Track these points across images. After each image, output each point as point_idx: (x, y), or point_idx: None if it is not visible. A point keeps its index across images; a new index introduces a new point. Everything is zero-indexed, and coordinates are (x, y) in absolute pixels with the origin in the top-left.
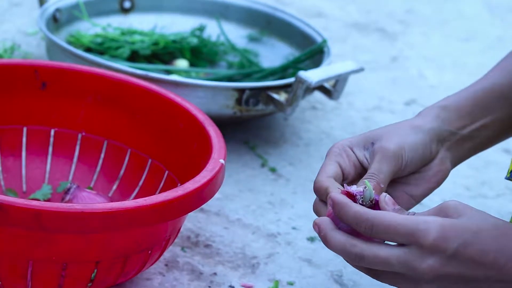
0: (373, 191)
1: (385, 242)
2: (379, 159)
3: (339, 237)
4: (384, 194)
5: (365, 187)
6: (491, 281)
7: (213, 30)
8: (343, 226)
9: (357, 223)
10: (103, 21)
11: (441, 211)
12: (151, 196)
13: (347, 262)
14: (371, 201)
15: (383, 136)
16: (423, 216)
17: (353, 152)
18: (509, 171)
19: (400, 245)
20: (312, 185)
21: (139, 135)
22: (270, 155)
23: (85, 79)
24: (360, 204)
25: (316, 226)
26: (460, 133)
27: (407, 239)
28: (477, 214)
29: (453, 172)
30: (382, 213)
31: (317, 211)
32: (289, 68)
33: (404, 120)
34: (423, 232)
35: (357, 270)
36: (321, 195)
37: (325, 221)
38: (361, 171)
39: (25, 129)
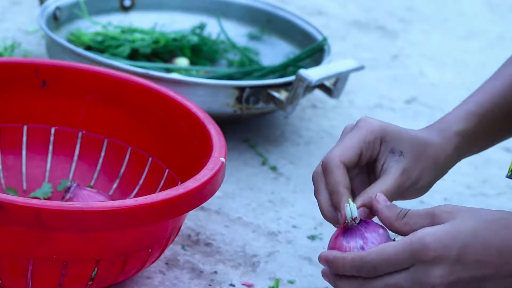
0: (356, 209)
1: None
2: (395, 185)
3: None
4: (376, 193)
5: (347, 205)
6: (503, 275)
7: (213, 28)
8: (350, 243)
9: (358, 270)
10: (104, 19)
11: (433, 218)
12: (152, 195)
13: None
14: (354, 220)
15: (418, 150)
16: (416, 234)
17: (380, 146)
18: (510, 170)
19: (405, 268)
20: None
21: (140, 133)
22: (270, 153)
23: (85, 77)
24: (347, 228)
25: (325, 276)
26: (460, 158)
27: (410, 262)
28: (469, 213)
29: (454, 170)
30: (378, 250)
31: (316, 182)
32: (290, 66)
33: (435, 137)
34: (421, 249)
35: None
36: (333, 177)
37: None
38: (371, 163)
39: (25, 128)
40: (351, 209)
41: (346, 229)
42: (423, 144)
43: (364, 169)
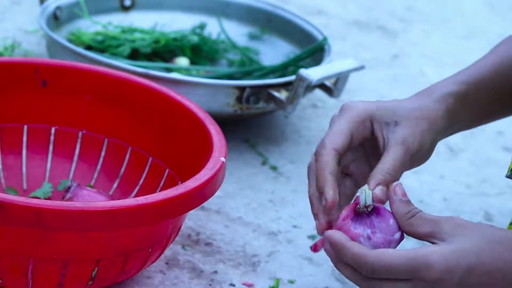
0: (370, 197)
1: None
2: (402, 154)
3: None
4: (396, 182)
5: (364, 191)
6: None
7: (213, 28)
8: (356, 228)
9: (357, 266)
10: (104, 19)
11: (436, 227)
12: (152, 194)
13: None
14: (366, 208)
15: (409, 119)
16: (422, 249)
17: (371, 125)
18: (510, 170)
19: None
20: None
21: (140, 133)
22: (270, 153)
23: (85, 77)
24: (358, 212)
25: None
26: (452, 122)
27: (410, 275)
28: (474, 231)
29: (454, 169)
30: (381, 253)
31: (308, 174)
32: (290, 66)
33: (426, 97)
34: (425, 269)
35: None
36: (319, 163)
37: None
38: (367, 143)
39: (25, 127)
40: (366, 196)
41: (357, 214)
42: (414, 109)
43: (361, 152)
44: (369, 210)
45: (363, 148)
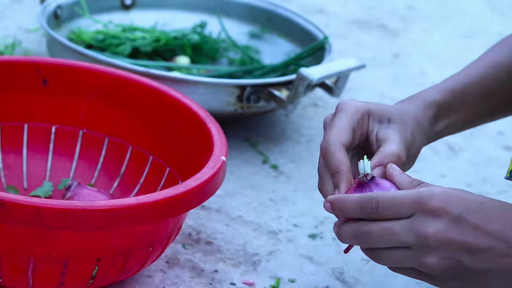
0: (369, 166)
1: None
2: (398, 143)
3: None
4: (389, 164)
5: (362, 161)
6: (497, 254)
7: (214, 26)
8: None
9: (361, 206)
10: (104, 17)
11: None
12: (153, 193)
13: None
14: (366, 176)
15: (401, 118)
16: (427, 186)
17: (368, 122)
18: (509, 171)
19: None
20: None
21: (141, 132)
22: (271, 152)
23: (86, 76)
24: (358, 182)
25: (328, 202)
26: (438, 129)
27: (413, 208)
28: (485, 197)
29: (454, 169)
30: (385, 191)
31: (320, 174)
32: (291, 65)
33: (413, 104)
34: (427, 197)
35: (358, 267)
36: (330, 163)
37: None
38: (363, 142)
39: (26, 126)
40: (365, 165)
41: (359, 184)
42: (404, 111)
43: (355, 151)
44: (368, 179)
45: (357, 149)
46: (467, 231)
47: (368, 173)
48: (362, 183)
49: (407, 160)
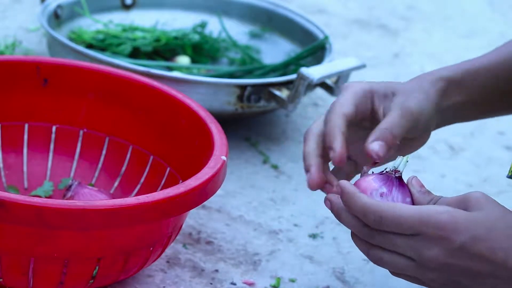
0: (405, 166)
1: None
2: (399, 115)
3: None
4: (412, 176)
5: (402, 158)
6: (498, 279)
7: (214, 26)
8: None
9: (365, 214)
10: (105, 17)
11: (463, 202)
12: (153, 193)
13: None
14: (395, 172)
15: (405, 91)
16: (436, 207)
17: (372, 100)
18: (510, 170)
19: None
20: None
21: (141, 131)
22: (272, 151)
23: (86, 75)
24: (384, 172)
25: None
26: (448, 104)
27: (416, 230)
28: (497, 210)
29: (455, 168)
30: (392, 204)
31: (306, 137)
32: (291, 64)
33: (420, 79)
34: (434, 224)
35: (358, 267)
36: (330, 123)
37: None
38: (370, 118)
39: (26, 126)
40: (402, 162)
41: (384, 174)
42: (410, 84)
43: (361, 133)
44: (395, 175)
45: (363, 129)
46: (470, 258)
47: (398, 170)
48: (390, 175)
49: (418, 132)
